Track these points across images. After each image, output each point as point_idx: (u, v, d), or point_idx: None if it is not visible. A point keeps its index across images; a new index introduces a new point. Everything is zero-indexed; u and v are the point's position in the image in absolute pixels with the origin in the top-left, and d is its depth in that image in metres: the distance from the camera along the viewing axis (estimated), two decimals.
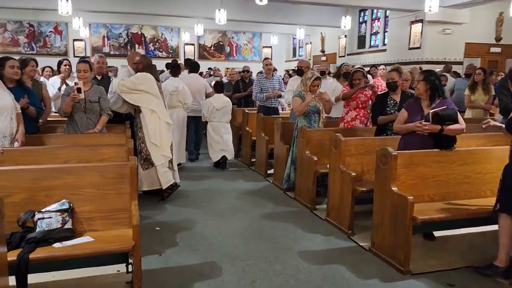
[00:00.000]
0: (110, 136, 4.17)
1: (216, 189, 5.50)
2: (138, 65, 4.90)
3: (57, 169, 2.71)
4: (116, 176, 2.77)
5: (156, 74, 4.95)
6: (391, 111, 4.49)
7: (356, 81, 5.21)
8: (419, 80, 3.71)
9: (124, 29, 18.51)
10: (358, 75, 5.24)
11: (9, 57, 4.23)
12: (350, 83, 5.30)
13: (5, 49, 17.47)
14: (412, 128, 3.62)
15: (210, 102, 6.52)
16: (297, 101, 5.04)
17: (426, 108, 3.67)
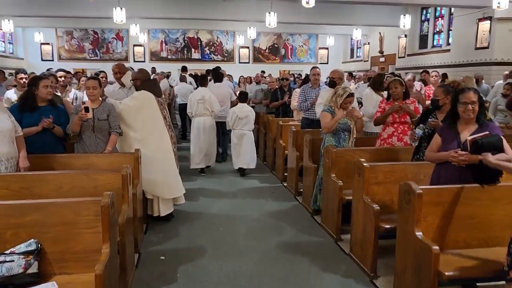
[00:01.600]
0: (119, 157, 3.99)
1: (240, 208, 5.18)
2: (136, 82, 4.58)
3: (26, 205, 2.54)
4: (91, 214, 2.54)
5: (156, 88, 4.64)
6: None
7: (392, 91, 4.61)
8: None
9: (181, 34, 18.83)
10: (395, 84, 4.64)
11: (42, 77, 4.26)
12: (388, 95, 4.72)
13: (71, 56, 18.56)
14: (446, 157, 3.02)
15: (234, 111, 6.72)
16: (326, 116, 4.56)
17: (462, 132, 3.07)
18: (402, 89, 4.66)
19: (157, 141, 4.46)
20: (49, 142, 3.97)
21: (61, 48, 18.53)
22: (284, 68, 19.24)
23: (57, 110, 4.04)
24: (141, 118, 4.38)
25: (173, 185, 4.57)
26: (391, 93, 4.63)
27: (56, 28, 17.70)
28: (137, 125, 4.39)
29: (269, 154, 7.26)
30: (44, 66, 16.63)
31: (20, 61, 17.92)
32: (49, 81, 4.05)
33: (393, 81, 4.70)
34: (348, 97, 4.45)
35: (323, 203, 4.55)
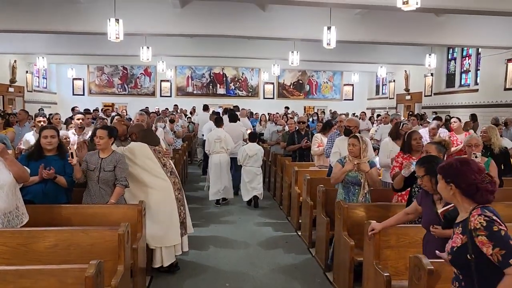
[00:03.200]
0: (122, 209, 3.92)
1: (251, 261, 4.96)
2: (132, 136, 4.63)
3: (11, 271, 2.45)
4: (76, 282, 2.43)
5: (150, 138, 4.61)
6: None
7: (414, 143, 4.38)
8: (421, 175, 2.96)
9: (207, 70, 19.20)
10: (416, 136, 4.41)
11: (45, 127, 4.29)
12: (408, 147, 4.46)
13: (101, 90, 19.18)
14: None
15: (244, 149, 7.39)
16: (336, 166, 4.42)
17: (438, 203, 2.92)
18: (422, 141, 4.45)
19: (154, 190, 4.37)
20: (51, 192, 3.91)
21: (92, 83, 19.20)
22: (308, 104, 19.22)
23: (64, 160, 4.00)
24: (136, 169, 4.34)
25: (173, 233, 4.43)
26: (414, 144, 4.36)
27: (88, 64, 18.41)
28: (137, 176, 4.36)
29: (285, 199, 7.07)
30: (75, 100, 17.27)
31: (53, 95, 18.67)
32: (49, 132, 4.00)
33: (414, 133, 4.47)
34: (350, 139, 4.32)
35: (335, 261, 4.30)
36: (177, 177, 4.71)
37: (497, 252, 1.92)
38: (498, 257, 1.92)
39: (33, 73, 16.97)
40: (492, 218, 1.99)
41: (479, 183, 2.09)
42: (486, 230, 1.96)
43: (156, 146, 4.63)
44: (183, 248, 4.57)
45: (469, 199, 2.11)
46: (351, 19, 9.72)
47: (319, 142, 6.44)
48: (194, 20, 9.92)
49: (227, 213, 7.04)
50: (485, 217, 1.99)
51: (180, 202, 4.57)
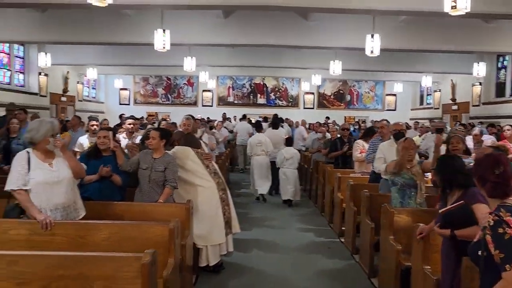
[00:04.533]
0: (171, 207, 4.05)
1: (294, 264, 4.97)
2: (174, 142, 4.76)
3: (72, 257, 2.61)
4: (132, 270, 2.55)
5: (192, 142, 4.79)
6: None
7: (453, 148, 4.27)
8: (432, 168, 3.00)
9: (248, 80, 19.45)
10: (456, 140, 4.29)
11: (101, 128, 4.57)
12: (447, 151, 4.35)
13: (146, 100, 19.84)
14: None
15: (282, 153, 8.15)
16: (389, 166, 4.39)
17: (449, 201, 2.91)
18: (463, 146, 4.32)
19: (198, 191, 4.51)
20: (107, 190, 4.13)
21: (137, 93, 19.90)
22: (349, 114, 19.00)
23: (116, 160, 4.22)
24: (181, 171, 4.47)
25: (217, 232, 4.53)
26: (451, 149, 4.27)
27: (134, 75, 19.13)
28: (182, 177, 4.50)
29: (327, 206, 7.02)
30: (121, 109, 17.92)
31: (100, 105, 19.50)
32: (102, 133, 4.30)
33: (455, 138, 4.35)
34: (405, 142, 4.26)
35: (381, 266, 4.23)
36: (220, 177, 4.82)
37: (497, 254, 1.93)
38: (497, 259, 1.93)
39: (83, 84, 17.82)
40: (503, 219, 1.96)
41: (487, 175, 2.09)
42: (491, 230, 1.97)
43: (198, 149, 4.78)
44: (228, 248, 4.65)
45: (490, 195, 2.12)
46: (395, 26, 9.59)
47: (361, 148, 6.37)
48: (237, 30, 10.14)
49: (269, 218, 7.09)
50: (496, 216, 1.98)
51: (225, 202, 4.67)
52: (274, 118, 9.44)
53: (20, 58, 13.63)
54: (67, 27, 10.04)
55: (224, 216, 4.60)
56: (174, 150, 4.61)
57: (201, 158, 4.64)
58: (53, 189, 3.35)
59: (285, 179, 8.05)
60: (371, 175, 5.91)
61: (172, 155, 4.51)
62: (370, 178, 5.86)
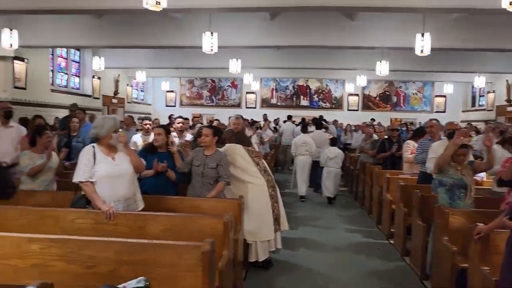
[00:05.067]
0: (223, 203, 4.16)
1: (342, 263, 4.97)
2: (225, 141, 4.85)
3: (140, 244, 2.76)
4: (192, 258, 2.66)
5: (243, 139, 4.90)
6: None
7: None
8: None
9: (291, 82, 19.47)
10: None
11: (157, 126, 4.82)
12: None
13: (191, 102, 20.33)
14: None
15: (326, 153, 8.51)
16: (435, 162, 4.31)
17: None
18: None
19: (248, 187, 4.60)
20: (162, 185, 4.32)
21: (183, 95, 20.43)
22: (395, 116, 18.54)
23: (173, 157, 4.41)
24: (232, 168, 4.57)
25: (266, 228, 4.61)
26: None
27: (180, 77, 19.67)
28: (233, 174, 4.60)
29: (375, 208, 6.93)
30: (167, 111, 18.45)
31: (148, 107, 20.19)
32: (156, 130, 4.56)
33: None
34: (461, 148, 4.10)
35: (434, 269, 4.14)
36: (270, 175, 4.90)
37: None
38: None
39: (132, 86, 18.55)
40: None
41: None
42: None
43: (249, 147, 4.89)
44: (277, 244, 4.72)
45: None
46: (446, 24, 9.29)
47: (412, 148, 6.25)
48: (283, 32, 10.19)
49: (314, 218, 7.10)
50: None
51: (274, 199, 4.74)
52: (317, 120, 9.78)
53: (76, 62, 14.40)
54: (120, 32, 10.50)
55: (273, 213, 4.67)
56: (225, 147, 4.74)
57: (252, 155, 4.74)
58: (116, 182, 3.55)
59: (327, 177, 8.39)
60: (419, 176, 5.81)
61: (223, 152, 4.64)
62: (419, 179, 5.76)
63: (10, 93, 10.48)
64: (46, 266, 2.68)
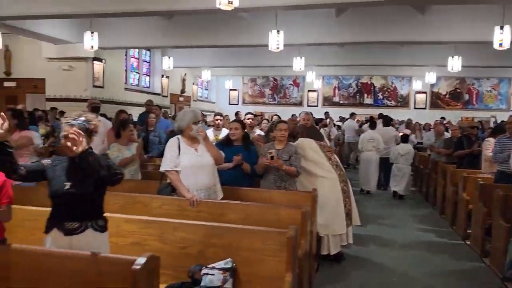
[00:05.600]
0: (296, 195, 4.24)
1: (416, 262, 4.86)
2: (297, 135, 4.90)
3: (225, 228, 2.93)
4: (274, 243, 2.77)
5: (314, 134, 4.93)
6: None
7: None
8: None
9: (354, 80, 19.12)
10: None
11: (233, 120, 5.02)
12: None
13: (253, 100, 20.64)
14: None
15: (397, 149, 8.57)
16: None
17: None
18: None
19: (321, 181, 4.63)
20: (238, 177, 4.47)
21: (245, 93, 20.81)
22: (467, 115, 17.57)
23: (249, 151, 4.57)
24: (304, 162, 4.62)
25: (338, 222, 4.63)
26: None
27: (243, 76, 20.06)
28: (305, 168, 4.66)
29: (448, 207, 6.67)
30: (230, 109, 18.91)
31: (212, 105, 20.79)
32: (233, 124, 4.71)
33: None
34: None
35: None
36: (342, 170, 4.91)
37: None
38: None
39: (197, 85, 19.21)
40: None
41: None
42: None
43: (321, 141, 4.93)
44: (348, 239, 4.72)
45: None
46: None
47: (492, 146, 5.93)
48: (349, 28, 10.07)
49: (383, 216, 6.97)
50: None
51: (346, 194, 4.75)
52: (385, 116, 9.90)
53: (147, 62, 15.19)
54: (188, 33, 10.93)
55: (345, 208, 4.68)
56: (298, 142, 4.82)
57: (324, 150, 4.79)
58: (198, 172, 3.76)
59: (398, 174, 8.44)
60: (496, 175, 5.53)
61: (296, 146, 4.72)
62: (496, 178, 5.49)
63: (90, 92, 11.31)
64: (143, 245, 2.92)
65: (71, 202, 2.44)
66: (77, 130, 2.31)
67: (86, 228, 2.47)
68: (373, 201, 8.21)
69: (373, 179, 8.79)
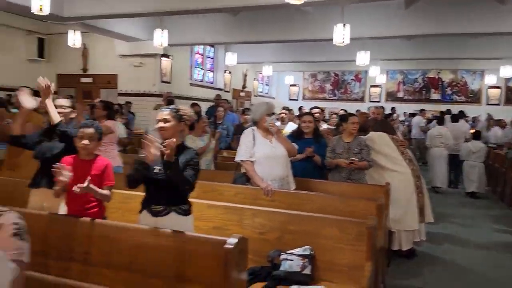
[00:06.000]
0: (368, 188, 4.21)
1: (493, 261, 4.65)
2: (368, 129, 4.82)
3: (302, 216, 2.98)
4: (353, 233, 2.79)
5: (386, 127, 4.86)
6: None
7: None
8: None
9: (420, 74, 18.37)
10: None
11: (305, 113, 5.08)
12: None
13: (313, 96, 20.50)
14: None
15: (468, 146, 8.39)
16: None
17: None
18: None
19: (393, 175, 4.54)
20: (309, 169, 4.53)
21: (305, 89, 20.71)
22: None
23: (319, 144, 4.60)
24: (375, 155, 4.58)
25: (411, 218, 4.54)
26: None
27: (303, 71, 19.98)
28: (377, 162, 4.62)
29: None
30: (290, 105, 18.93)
31: (272, 100, 20.91)
32: (307, 118, 4.76)
33: None
34: None
35: None
36: (415, 165, 4.79)
37: None
38: None
39: (258, 80, 19.42)
40: None
41: None
42: None
43: (393, 135, 4.84)
44: (421, 236, 4.61)
45: None
46: None
47: None
48: (418, 20, 9.68)
49: (455, 215, 6.72)
50: None
51: (419, 189, 4.63)
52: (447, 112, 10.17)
53: (211, 58, 15.59)
54: (254, 28, 11.07)
55: (418, 203, 4.57)
56: (369, 135, 4.77)
57: (397, 144, 4.70)
58: (272, 163, 3.85)
59: (470, 172, 8.24)
60: None
61: (368, 139, 4.67)
62: None
63: (158, 87, 11.85)
64: (224, 229, 3.06)
65: (158, 186, 2.62)
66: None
67: (170, 211, 2.64)
68: (445, 199, 7.92)
69: (443, 176, 8.61)
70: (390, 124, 5.32)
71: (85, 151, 2.68)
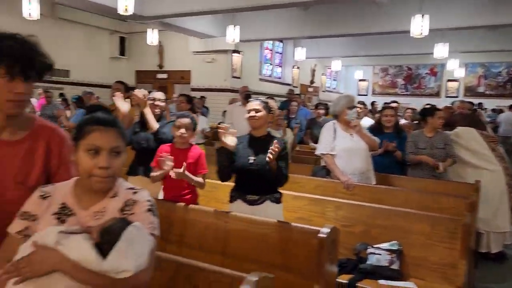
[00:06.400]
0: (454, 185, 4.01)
1: None
2: (455, 124, 4.56)
3: (391, 210, 2.91)
4: (446, 230, 2.68)
5: (475, 123, 4.58)
6: None
7: None
8: None
9: (505, 67, 17.04)
10: None
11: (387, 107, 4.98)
12: None
13: (383, 90, 19.83)
14: None
15: None
16: None
17: None
18: None
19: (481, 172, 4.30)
20: (389, 164, 4.42)
21: (375, 84, 20.09)
22: None
23: (400, 138, 4.48)
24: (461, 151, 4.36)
25: (501, 219, 4.28)
26: None
27: (374, 65, 19.39)
28: (464, 158, 4.40)
29: None
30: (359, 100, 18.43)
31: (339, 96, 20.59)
32: (389, 112, 4.65)
33: None
34: None
35: None
36: (506, 162, 4.49)
37: None
38: None
39: (326, 75, 19.16)
40: None
41: None
42: None
43: (483, 131, 4.57)
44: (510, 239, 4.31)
45: None
46: None
47: None
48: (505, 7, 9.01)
49: None
50: None
51: (510, 188, 4.33)
52: None
53: (279, 54, 15.65)
54: (324, 22, 10.93)
55: (509, 203, 4.28)
56: (457, 130, 4.54)
57: (487, 140, 4.43)
58: (353, 156, 3.79)
59: None
60: None
61: (454, 135, 4.46)
62: None
63: (229, 82, 12.13)
64: (308, 220, 3.08)
65: (252, 176, 2.69)
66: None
67: (265, 200, 2.70)
68: None
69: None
70: (480, 119, 5.01)
71: (182, 139, 2.83)
